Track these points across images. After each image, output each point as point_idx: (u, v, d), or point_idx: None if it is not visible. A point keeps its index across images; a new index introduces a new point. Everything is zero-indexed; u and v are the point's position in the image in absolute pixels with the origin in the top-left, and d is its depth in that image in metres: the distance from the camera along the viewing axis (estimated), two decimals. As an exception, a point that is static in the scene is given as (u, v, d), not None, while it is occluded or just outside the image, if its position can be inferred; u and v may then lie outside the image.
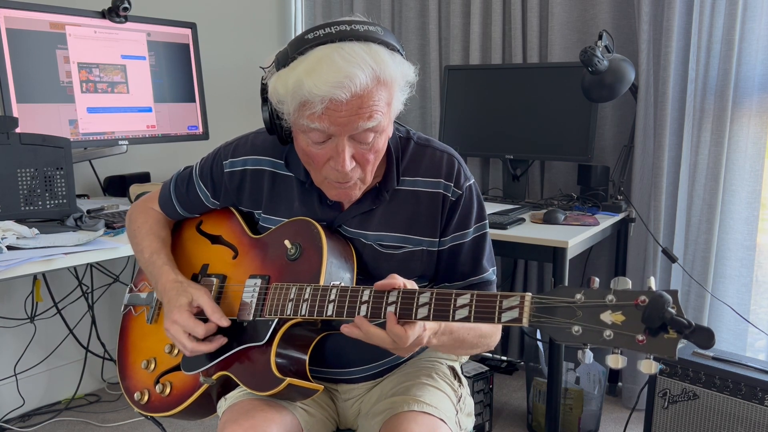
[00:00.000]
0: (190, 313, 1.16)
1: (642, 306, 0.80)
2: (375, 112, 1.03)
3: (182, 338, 1.14)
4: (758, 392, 1.73)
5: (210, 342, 1.15)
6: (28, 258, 1.57)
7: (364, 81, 0.99)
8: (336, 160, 1.06)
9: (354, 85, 0.99)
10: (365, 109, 1.02)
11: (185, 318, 1.15)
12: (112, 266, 2.64)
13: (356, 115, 1.02)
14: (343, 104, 1.00)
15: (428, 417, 1.17)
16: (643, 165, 2.45)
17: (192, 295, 1.18)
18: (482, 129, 2.67)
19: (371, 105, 1.02)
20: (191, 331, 1.14)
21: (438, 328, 1.05)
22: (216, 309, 1.16)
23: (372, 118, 1.03)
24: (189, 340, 1.14)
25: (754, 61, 2.23)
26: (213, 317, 1.15)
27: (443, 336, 1.07)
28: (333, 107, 1.01)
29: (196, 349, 1.14)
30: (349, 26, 1.02)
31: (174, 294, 1.19)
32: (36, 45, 2.09)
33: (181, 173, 1.37)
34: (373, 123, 1.03)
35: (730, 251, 2.33)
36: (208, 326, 1.14)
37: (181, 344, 1.15)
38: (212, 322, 1.15)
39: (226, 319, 1.15)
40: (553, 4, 2.60)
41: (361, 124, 1.03)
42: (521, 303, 0.89)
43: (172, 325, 1.16)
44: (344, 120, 1.02)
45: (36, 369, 2.51)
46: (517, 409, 2.57)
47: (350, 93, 0.99)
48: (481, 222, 1.24)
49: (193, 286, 1.21)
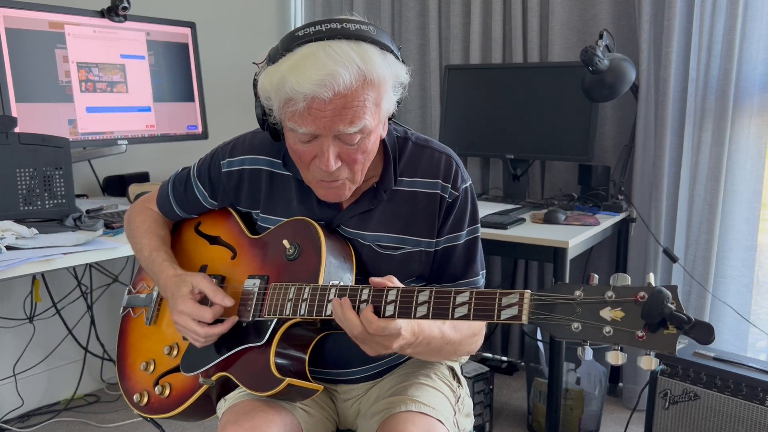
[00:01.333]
0: (194, 300, 1.16)
1: (641, 302, 0.80)
2: (360, 113, 1.02)
3: (193, 326, 1.14)
4: (759, 393, 1.72)
5: (222, 324, 1.14)
6: (27, 258, 1.56)
7: (348, 80, 0.98)
8: (321, 159, 1.06)
9: (337, 83, 0.98)
10: (349, 110, 1.01)
11: (190, 306, 1.15)
12: (111, 266, 2.64)
13: (339, 116, 1.01)
14: (326, 103, 0.99)
15: (425, 417, 1.16)
16: (643, 165, 2.44)
17: (191, 282, 1.17)
18: (482, 129, 2.66)
19: (356, 105, 1.01)
20: (199, 317, 1.14)
21: (413, 341, 1.05)
22: (218, 291, 1.16)
23: (355, 123, 1.02)
24: (200, 326, 1.14)
25: (755, 60, 2.23)
26: (216, 299, 1.15)
27: (418, 347, 1.07)
28: (316, 106, 1.00)
29: (209, 333, 1.14)
30: (340, 24, 1.01)
31: (175, 287, 1.19)
32: (35, 44, 2.09)
33: (179, 174, 1.37)
34: (357, 127, 1.03)
35: (731, 251, 2.33)
36: (214, 309, 1.14)
37: (193, 332, 1.14)
38: (217, 305, 1.15)
39: (230, 299, 1.15)
40: (553, 4, 2.59)
41: (343, 128, 1.02)
42: (520, 300, 0.89)
43: (179, 316, 1.15)
44: (328, 120, 1.01)
45: (35, 369, 2.51)
46: (518, 410, 2.56)
47: (333, 92, 0.98)
48: (474, 225, 1.24)
49: (190, 274, 1.21)
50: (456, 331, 1.14)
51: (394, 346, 1.02)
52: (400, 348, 1.04)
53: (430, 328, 1.08)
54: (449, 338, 1.12)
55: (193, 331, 1.14)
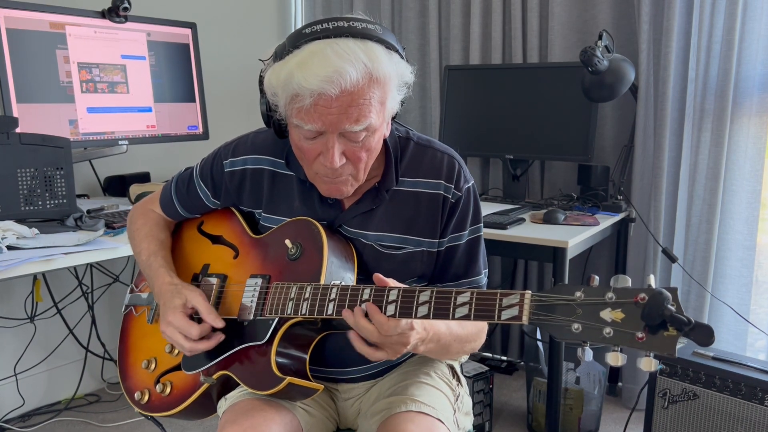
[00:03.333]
0: (183, 314, 1.16)
1: (641, 303, 0.80)
2: (366, 111, 1.03)
3: (178, 338, 1.15)
4: (758, 392, 1.72)
5: (208, 340, 1.15)
6: (28, 258, 1.57)
7: (354, 77, 0.99)
8: (325, 156, 1.07)
9: (344, 80, 0.98)
10: (355, 108, 1.02)
11: (179, 319, 1.15)
12: (112, 266, 2.64)
13: (345, 114, 1.02)
14: (333, 100, 1.00)
15: (426, 417, 1.17)
16: (643, 165, 2.45)
17: (186, 296, 1.18)
18: (482, 129, 2.67)
19: (362, 103, 1.02)
20: (185, 332, 1.14)
21: (426, 336, 1.05)
22: (210, 310, 1.16)
23: (360, 121, 1.03)
24: (185, 340, 1.14)
25: (754, 60, 2.23)
26: (208, 318, 1.15)
27: (430, 344, 1.08)
28: (322, 102, 1.01)
29: (194, 348, 1.14)
30: (347, 23, 1.02)
31: (169, 296, 1.19)
32: (36, 45, 2.09)
33: (182, 174, 1.37)
34: (362, 125, 1.03)
35: (731, 251, 2.33)
36: (202, 327, 1.14)
37: (179, 345, 1.16)
38: (207, 323, 1.15)
39: (221, 320, 1.16)
40: (553, 4, 2.60)
41: (349, 126, 1.03)
42: (521, 301, 0.90)
43: (167, 326, 1.16)
44: (334, 117, 1.02)
45: (36, 369, 2.51)
46: (517, 409, 2.57)
47: (339, 89, 0.99)
48: (477, 225, 1.25)
49: (187, 288, 1.21)
50: (461, 327, 1.14)
51: (411, 341, 1.02)
52: (416, 344, 1.04)
53: (437, 324, 1.08)
54: (456, 334, 1.13)
55: (178, 344, 1.16)
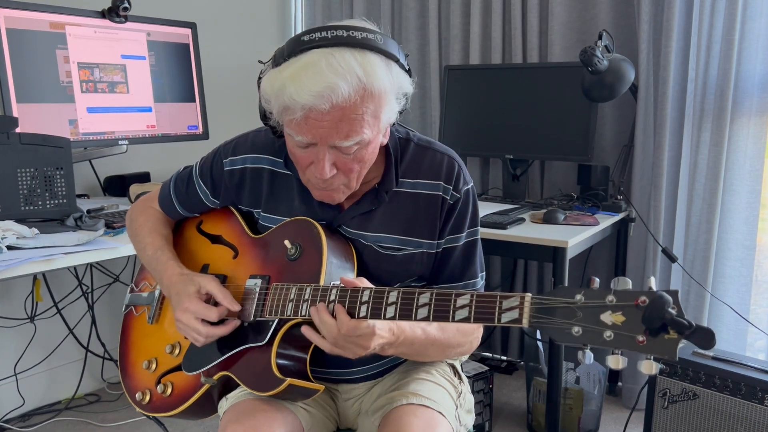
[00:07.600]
0: (200, 299, 1.16)
1: (642, 306, 0.80)
2: (357, 127, 1.02)
3: (195, 324, 1.14)
4: (758, 392, 1.73)
5: (224, 325, 1.15)
6: (28, 258, 1.57)
7: (346, 92, 0.98)
8: (316, 167, 1.07)
9: (335, 96, 0.98)
10: (346, 123, 1.01)
11: (195, 304, 1.15)
12: (112, 266, 2.64)
13: (336, 129, 1.01)
14: (324, 114, 1.00)
15: (427, 410, 1.17)
16: (643, 165, 2.45)
17: (200, 283, 1.18)
18: (482, 129, 2.67)
19: (353, 118, 1.01)
20: (204, 315, 1.14)
21: (395, 340, 1.06)
22: (226, 294, 1.16)
23: (351, 137, 1.03)
24: (203, 325, 1.14)
25: (754, 60, 2.23)
26: (224, 302, 1.15)
27: (401, 347, 1.09)
28: (313, 116, 1.01)
29: (211, 333, 1.14)
30: (346, 32, 1.01)
31: (182, 285, 1.19)
32: (36, 45, 2.09)
33: (181, 173, 1.37)
34: (353, 141, 1.03)
35: (730, 251, 2.33)
36: (220, 309, 1.15)
37: (195, 330, 1.14)
38: (223, 306, 1.15)
39: (237, 303, 1.16)
40: (553, 4, 2.60)
41: (339, 141, 1.03)
42: (521, 303, 0.89)
43: (183, 313, 1.15)
44: (325, 131, 1.02)
45: (36, 369, 2.51)
46: (517, 409, 2.57)
47: (330, 104, 0.98)
48: (474, 227, 1.25)
49: (198, 275, 1.21)
50: (442, 332, 1.14)
51: (372, 345, 1.03)
52: (381, 348, 1.05)
53: (411, 329, 1.09)
54: (434, 338, 1.13)
55: (195, 330, 1.15)
